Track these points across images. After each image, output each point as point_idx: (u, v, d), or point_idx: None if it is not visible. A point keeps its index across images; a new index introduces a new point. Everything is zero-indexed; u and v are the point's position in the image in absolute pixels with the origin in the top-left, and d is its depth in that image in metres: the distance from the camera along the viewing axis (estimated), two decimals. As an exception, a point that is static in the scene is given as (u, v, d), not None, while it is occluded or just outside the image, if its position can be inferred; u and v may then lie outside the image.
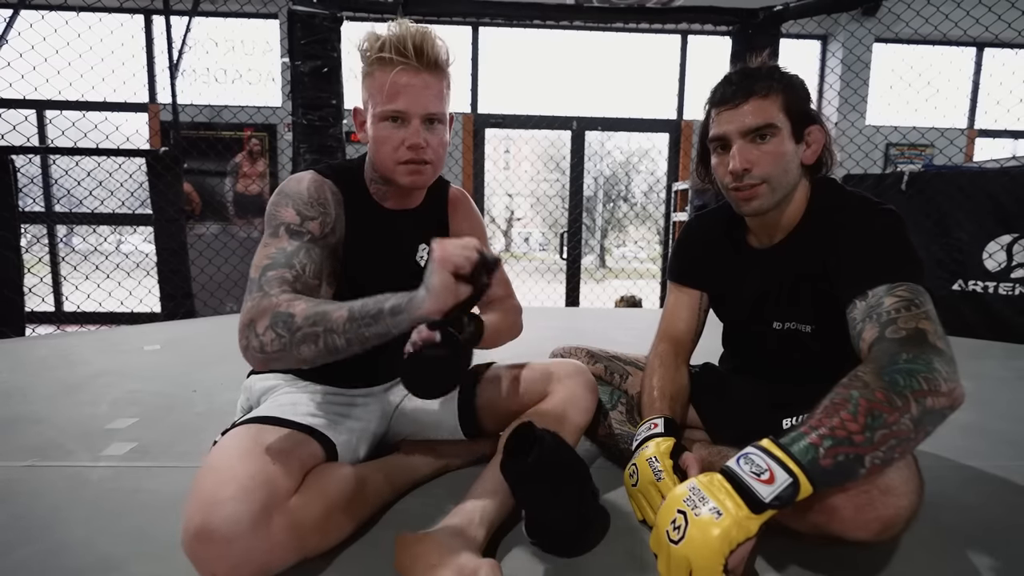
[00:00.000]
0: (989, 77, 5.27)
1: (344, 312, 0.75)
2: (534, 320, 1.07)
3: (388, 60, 0.88)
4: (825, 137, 0.97)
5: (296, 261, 0.85)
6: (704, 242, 1.14)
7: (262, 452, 0.79)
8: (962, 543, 0.92)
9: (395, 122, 0.91)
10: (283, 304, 0.77)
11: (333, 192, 0.96)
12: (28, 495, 1.05)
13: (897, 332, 0.73)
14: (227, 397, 1.66)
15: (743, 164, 0.92)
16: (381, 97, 0.90)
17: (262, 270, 0.83)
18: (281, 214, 0.89)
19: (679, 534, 0.63)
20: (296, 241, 0.87)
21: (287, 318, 0.75)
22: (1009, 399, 1.80)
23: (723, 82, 0.96)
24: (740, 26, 3.60)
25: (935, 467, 1.21)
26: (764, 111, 0.91)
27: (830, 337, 0.94)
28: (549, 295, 5.13)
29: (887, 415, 0.64)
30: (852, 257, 0.87)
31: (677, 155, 5.28)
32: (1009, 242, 2.81)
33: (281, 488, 0.75)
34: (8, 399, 1.63)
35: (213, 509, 0.68)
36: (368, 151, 0.99)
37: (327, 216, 0.93)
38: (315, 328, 0.74)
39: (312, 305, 0.77)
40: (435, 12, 3.63)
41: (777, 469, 0.63)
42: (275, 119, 4.96)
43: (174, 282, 3.31)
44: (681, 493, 0.66)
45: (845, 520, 0.70)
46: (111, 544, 0.89)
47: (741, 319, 1.10)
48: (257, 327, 0.77)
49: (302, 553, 0.76)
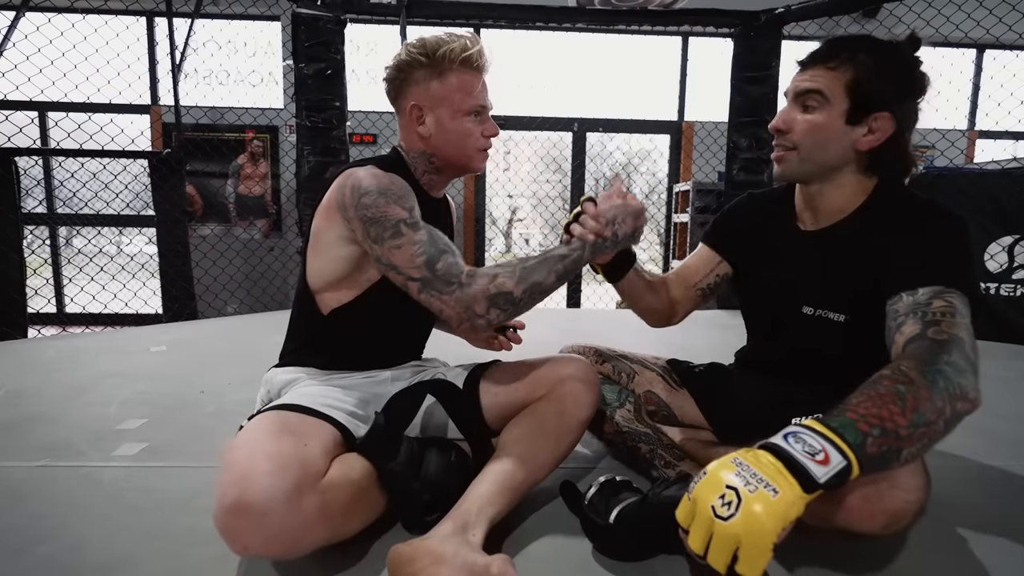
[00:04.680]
0: (990, 79, 5.29)
1: (553, 277, 0.94)
2: (535, 321, 1.08)
3: (476, 65, 1.02)
4: (894, 129, 0.91)
5: (444, 244, 0.93)
6: (748, 217, 1.14)
7: (292, 433, 0.81)
8: (965, 541, 0.93)
9: (476, 117, 1.04)
10: (491, 287, 0.89)
11: (401, 181, 1.00)
12: (43, 495, 1.07)
13: (939, 334, 0.74)
14: (235, 398, 1.68)
15: (778, 123, 0.95)
16: (468, 95, 1.02)
17: (426, 264, 0.90)
18: (391, 212, 0.92)
19: (729, 510, 0.59)
20: (421, 230, 0.93)
21: (507, 295, 0.90)
22: (1010, 399, 1.81)
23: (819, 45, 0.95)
24: (742, 28, 3.62)
25: (938, 465, 1.21)
26: (821, 79, 0.92)
27: (860, 331, 0.93)
28: (551, 296, 5.13)
29: (929, 414, 0.65)
30: (913, 252, 0.86)
31: (678, 156, 5.29)
32: (1010, 243, 2.82)
33: (313, 467, 0.77)
34: (18, 400, 1.64)
35: (249, 483, 0.69)
36: (420, 144, 1.06)
37: (416, 204, 0.98)
38: (533, 295, 0.92)
39: (519, 276, 0.91)
40: (438, 15, 3.64)
41: (832, 450, 0.61)
42: (278, 121, 4.97)
43: (177, 284, 3.32)
44: (727, 467, 0.62)
45: (852, 512, 0.71)
46: (128, 542, 0.90)
47: (771, 299, 1.08)
48: (476, 310, 0.89)
49: (330, 534, 0.77)
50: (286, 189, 4.92)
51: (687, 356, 1.26)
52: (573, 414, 1.00)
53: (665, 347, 2.10)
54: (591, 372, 1.06)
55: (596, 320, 3.57)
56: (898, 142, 0.93)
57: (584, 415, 1.02)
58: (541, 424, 0.99)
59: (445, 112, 1.02)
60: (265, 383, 1.09)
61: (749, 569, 0.58)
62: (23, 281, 2.92)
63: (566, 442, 1.00)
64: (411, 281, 0.91)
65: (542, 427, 0.98)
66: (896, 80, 0.91)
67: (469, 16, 3.76)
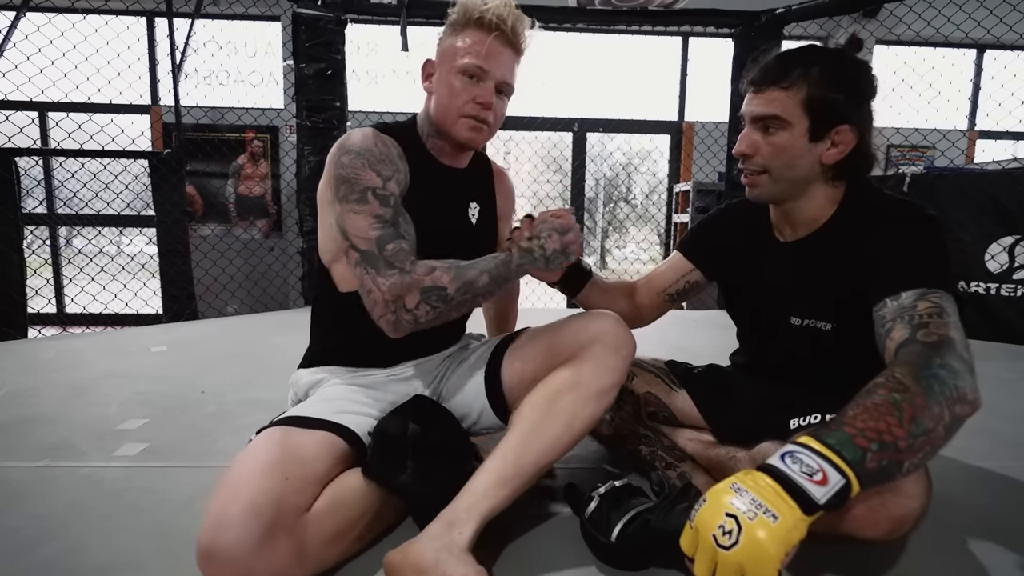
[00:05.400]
0: (990, 79, 5.29)
1: (486, 278, 0.88)
2: (536, 321, 1.07)
3: (487, 24, 0.95)
4: (857, 139, 0.92)
5: (402, 230, 0.91)
6: (727, 231, 1.14)
7: (281, 464, 0.78)
8: (967, 542, 0.93)
9: (471, 79, 0.97)
10: (426, 279, 0.85)
11: (395, 147, 0.98)
12: (43, 495, 1.07)
13: (928, 336, 0.73)
14: (236, 398, 1.68)
15: (743, 149, 0.94)
16: (467, 53, 0.96)
17: (376, 243, 0.86)
18: (363, 177, 0.90)
19: (731, 539, 0.58)
20: (388, 207, 0.90)
21: (440, 291, 0.85)
22: (1012, 400, 1.81)
23: (762, 64, 0.95)
24: (742, 29, 3.62)
25: (939, 467, 1.22)
26: (777, 103, 0.91)
27: (848, 338, 0.94)
28: (552, 296, 5.14)
29: (927, 422, 0.64)
30: (892, 257, 0.86)
31: (678, 156, 5.29)
32: (1011, 244, 2.82)
33: (290, 507, 0.75)
34: (19, 400, 1.64)
35: (220, 530, 0.70)
36: (427, 105, 1.03)
37: (399, 172, 0.95)
38: (466, 296, 0.87)
39: (454, 274, 0.87)
40: (438, 15, 3.64)
41: (829, 470, 0.60)
42: (278, 121, 4.97)
43: (177, 284, 3.32)
44: (726, 494, 0.61)
45: (857, 519, 0.71)
46: (130, 542, 0.90)
47: (759, 312, 1.09)
48: (407, 302, 0.85)
49: (308, 570, 0.77)
50: (286, 189, 4.93)
51: (686, 357, 1.26)
52: (590, 383, 0.89)
53: (664, 348, 2.10)
54: (620, 330, 0.94)
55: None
56: (861, 148, 0.93)
57: (605, 382, 0.90)
58: (553, 397, 0.89)
59: (444, 68, 0.99)
60: (292, 385, 1.08)
61: None
62: (23, 281, 2.92)
63: (582, 417, 0.88)
64: (353, 250, 0.87)
65: (553, 401, 0.88)
66: (849, 89, 0.91)
67: (469, 16, 3.75)
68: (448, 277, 0.86)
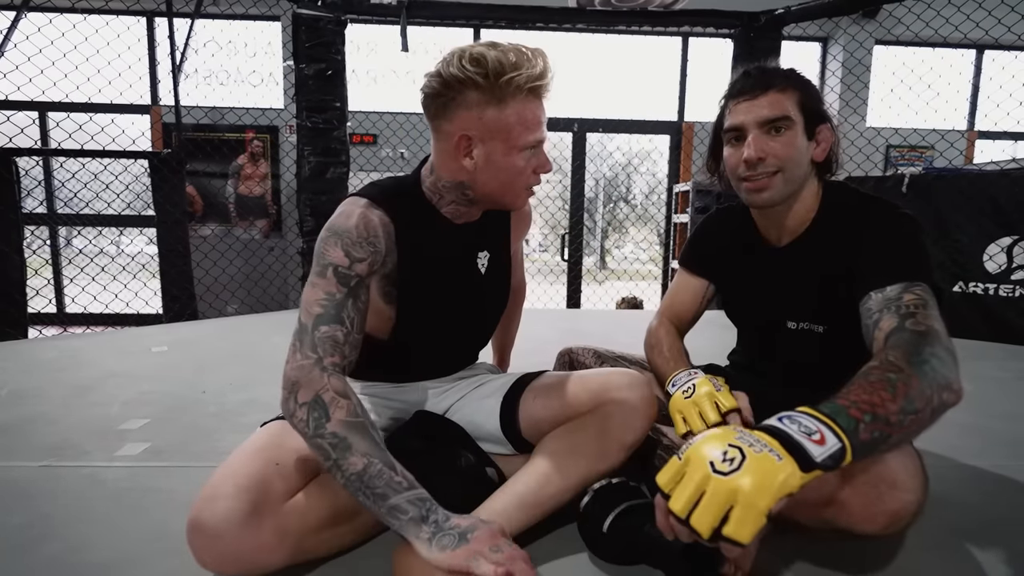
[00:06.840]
0: (989, 80, 5.30)
1: (359, 466, 0.74)
2: (536, 321, 1.08)
3: (536, 91, 0.87)
4: (834, 137, 1.00)
5: (346, 315, 0.84)
6: (720, 238, 1.17)
7: (272, 451, 0.82)
8: (963, 540, 0.94)
9: (531, 151, 0.90)
10: (326, 394, 0.78)
11: (384, 224, 0.90)
12: (47, 494, 1.08)
13: (917, 325, 0.76)
14: (237, 398, 1.68)
15: (758, 153, 0.95)
16: (526, 129, 0.87)
17: (314, 320, 0.82)
18: (329, 254, 0.86)
19: (731, 466, 0.57)
20: (344, 288, 0.85)
21: (321, 417, 0.76)
22: (1006, 399, 1.82)
23: (742, 76, 1.00)
24: (742, 29, 3.63)
25: (935, 466, 1.22)
26: (781, 104, 0.95)
27: (841, 339, 0.96)
28: (551, 296, 5.15)
29: (918, 403, 0.66)
30: (876, 253, 0.89)
31: (678, 157, 5.30)
32: (1009, 244, 2.83)
33: (276, 491, 0.78)
34: (21, 400, 1.65)
35: (208, 504, 0.73)
36: (452, 174, 0.92)
37: (376, 254, 0.89)
38: (331, 454, 0.75)
39: (349, 425, 0.76)
40: (438, 15, 3.64)
41: (827, 432, 0.61)
42: (278, 121, 4.98)
43: (178, 284, 3.33)
44: (728, 432, 0.62)
45: (853, 514, 0.72)
46: (132, 541, 0.91)
47: (754, 317, 1.12)
48: (299, 395, 0.78)
49: (292, 556, 0.78)
50: (286, 189, 4.93)
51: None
52: (616, 437, 0.91)
53: (664, 348, 2.10)
54: (646, 392, 0.94)
55: (596, 320, 3.57)
56: (834, 147, 1.01)
57: (630, 439, 0.92)
58: (578, 442, 0.90)
59: (499, 146, 0.87)
60: None
61: (739, 530, 0.55)
62: (24, 281, 2.94)
63: (603, 465, 0.90)
64: (298, 319, 0.84)
65: (579, 446, 0.90)
66: (817, 94, 1.00)
67: (469, 16, 3.76)
68: (340, 416, 0.76)
